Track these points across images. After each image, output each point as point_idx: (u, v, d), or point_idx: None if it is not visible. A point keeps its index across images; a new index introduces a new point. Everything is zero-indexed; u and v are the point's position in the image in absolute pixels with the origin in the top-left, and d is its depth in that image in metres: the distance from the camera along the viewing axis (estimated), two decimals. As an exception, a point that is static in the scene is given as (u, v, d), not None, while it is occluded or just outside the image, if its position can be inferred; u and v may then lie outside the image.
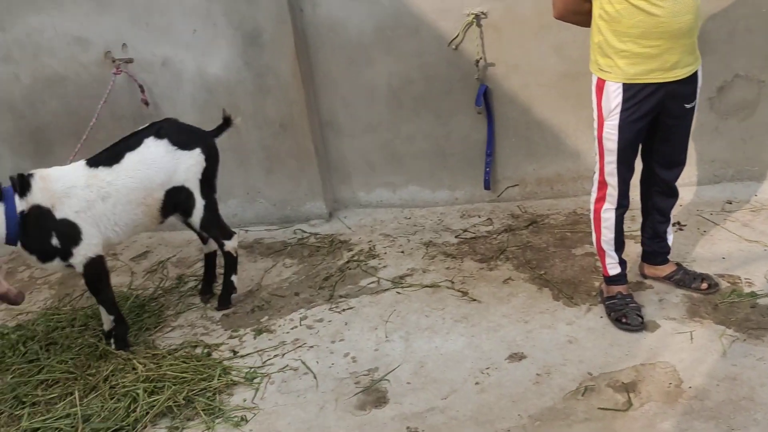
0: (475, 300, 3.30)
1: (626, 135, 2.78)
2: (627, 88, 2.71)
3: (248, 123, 4.07)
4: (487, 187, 4.14)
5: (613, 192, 2.91)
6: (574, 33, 3.69)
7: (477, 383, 2.77)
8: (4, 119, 4.32)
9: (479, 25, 3.82)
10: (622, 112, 2.75)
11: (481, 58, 3.87)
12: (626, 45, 2.65)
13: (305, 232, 4.21)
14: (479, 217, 4.10)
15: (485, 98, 3.94)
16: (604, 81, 2.76)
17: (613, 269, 3.03)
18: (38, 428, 2.79)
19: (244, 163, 4.23)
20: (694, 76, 2.76)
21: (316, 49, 4.02)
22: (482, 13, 3.79)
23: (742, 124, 3.76)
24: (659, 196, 3.04)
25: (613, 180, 2.89)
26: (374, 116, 4.13)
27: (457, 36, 3.86)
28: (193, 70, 4.03)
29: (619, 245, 3.02)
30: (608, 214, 2.98)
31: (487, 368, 2.84)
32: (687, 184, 3.76)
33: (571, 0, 2.73)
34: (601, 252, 3.04)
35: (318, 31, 3.98)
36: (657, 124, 2.83)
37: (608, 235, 3.01)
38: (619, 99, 2.73)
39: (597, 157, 2.92)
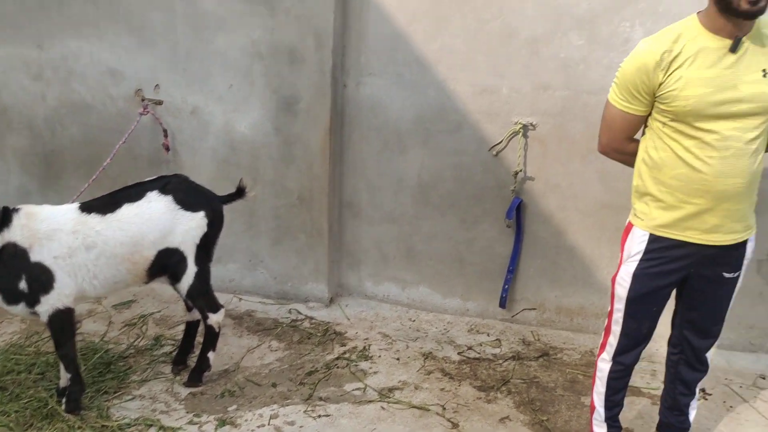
0: (464, 436, 2.96)
1: (640, 287, 2.49)
2: (653, 239, 2.44)
3: (265, 189, 3.86)
4: (502, 304, 3.84)
5: (612, 342, 2.61)
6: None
7: None
8: (22, 136, 4.17)
9: (525, 136, 3.60)
10: (641, 261, 2.47)
11: (520, 170, 3.63)
12: (663, 195, 2.40)
13: (300, 313, 3.93)
14: (488, 335, 3.78)
15: (517, 212, 3.69)
16: (632, 225, 2.51)
17: (598, 428, 2.72)
18: (-49, 492, 2.49)
19: (252, 229, 4.00)
20: (741, 245, 2.47)
21: (351, 128, 3.83)
22: (531, 124, 3.57)
23: (790, 295, 3.43)
24: (685, 367, 2.69)
25: (616, 329, 2.58)
26: (397, 207, 3.90)
27: (500, 142, 3.64)
28: (221, 124, 3.85)
29: (611, 404, 2.69)
30: (603, 365, 2.67)
31: None
32: (719, 346, 3.41)
33: (616, 137, 2.50)
34: (592, 404, 2.74)
35: (357, 110, 3.79)
36: (687, 287, 2.54)
37: (600, 387, 2.70)
38: (642, 247, 2.47)
39: (610, 299, 2.64)
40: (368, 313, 3.97)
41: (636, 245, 2.49)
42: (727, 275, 2.51)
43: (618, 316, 2.56)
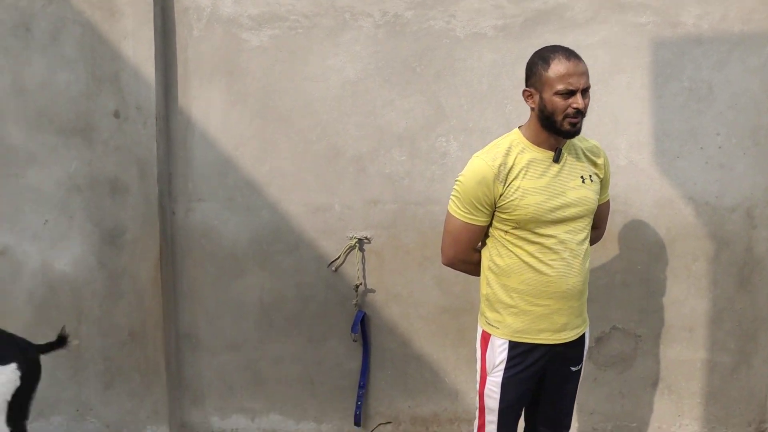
0: None
1: (509, 396, 2.55)
2: (513, 345, 2.53)
3: (91, 329, 3.55)
4: (357, 422, 3.73)
5: None
6: (457, 268, 3.61)
7: None
8: None
9: (362, 250, 3.65)
10: (506, 369, 2.54)
11: (361, 284, 3.66)
12: (515, 301, 2.51)
13: (140, 463, 3.56)
14: (345, 457, 3.65)
15: (362, 326, 3.67)
16: (490, 335, 2.58)
17: None
18: None
19: (77, 375, 3.63)
20: (582, 338, 2.64)
21: (183, 256, 3.68)
22: (366, 238, 3.64)
23: (620, 377, 3.65)
24: (540, 460, 2.76)
25: None
26: (240, 333, 3.73)
27: (337, 258, 3.66)
28: (37, 263, 3.54)
29: None
30: (478, 477, 2.65)
31: None
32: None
33: (462, 249, 2.59)
34: None
35: (188, 237, 3.67)
36: (542, 385, 2.64)
37: (476, 497, 2.66)
38: (504, 355, 2.54)
39: (477, 413, 2.66)
40: (216, 452, 3.69)
41: (498, 355, 2.55)
42: (573, 369, 2.65)
43: (491, 428, 2.59)
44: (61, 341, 2.90)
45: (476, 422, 2.66)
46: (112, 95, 3.45)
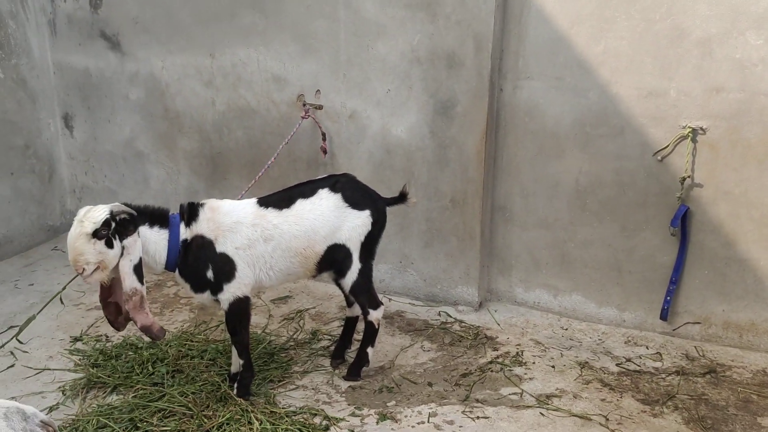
0: (632, 449, 2.84)
1: None
2: None
3: (418, 192, 3.91)
4: (663, 317, 3.67)
5: None
6: (807, 170, 3.24)
7: None
8: (192, 139, 4.48)
9: (694, 141, 3.43)
10: None
11: (688, 176, 3.47)
12: None
13: (450, 316, 3.94)
14: (647, 348, 3.63)
15: (683, 220, 3.52)
16: None
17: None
18: (144, 461, 2.68)
19: (403, 230, 4.06)
20: None
21: (506, 132, 3.81)
22: (701, 128, 3.41)
23: None
24: None
25: None
26: (552, 212, 3.83)
27: (666, 147, 3.49)
28: (378, 128, 3.96)
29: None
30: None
31: None
32: None
33: None
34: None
35: (513, 114, 3.77)
36: None
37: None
38: None
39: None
40: (518, 320, 3.92)
41: None
42: None
43: None
44: (402, 197, 3.26)
45: None
46: (456, -30, 3.58)
